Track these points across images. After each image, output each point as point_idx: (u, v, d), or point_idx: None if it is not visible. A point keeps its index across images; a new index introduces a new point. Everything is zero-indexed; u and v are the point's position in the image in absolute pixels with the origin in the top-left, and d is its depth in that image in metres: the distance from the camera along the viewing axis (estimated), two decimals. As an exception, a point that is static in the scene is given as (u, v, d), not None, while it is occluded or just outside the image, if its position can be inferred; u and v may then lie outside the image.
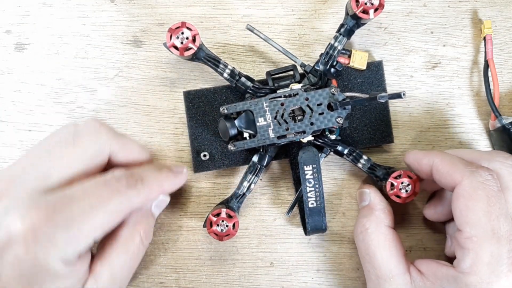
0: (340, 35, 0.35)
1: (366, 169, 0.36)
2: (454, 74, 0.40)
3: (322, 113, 0.34)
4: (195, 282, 0.39)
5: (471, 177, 0.30)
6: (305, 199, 0.35)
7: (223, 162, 0.38)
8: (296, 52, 0.39)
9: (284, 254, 0.39)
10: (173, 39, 0.34)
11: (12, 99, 0.39)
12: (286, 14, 0.40)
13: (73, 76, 0.39)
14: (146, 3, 0.39)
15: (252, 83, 0.36)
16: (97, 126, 0.31)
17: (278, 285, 0.39)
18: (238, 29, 0.39)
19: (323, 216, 0.35)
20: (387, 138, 0.38)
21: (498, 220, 0.29)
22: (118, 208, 0.29)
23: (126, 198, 0.29)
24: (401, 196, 0.35)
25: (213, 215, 0.35)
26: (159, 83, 0.39)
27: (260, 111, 0.34)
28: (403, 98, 0.28)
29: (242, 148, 0.34)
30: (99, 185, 0.29)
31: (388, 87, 0.39)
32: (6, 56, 0.39)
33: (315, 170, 0.34)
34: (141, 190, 0.30)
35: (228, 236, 0.35)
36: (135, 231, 0.32)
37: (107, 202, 0.28)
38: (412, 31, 0.40)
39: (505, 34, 0.40)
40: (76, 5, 0.39)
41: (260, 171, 0.36)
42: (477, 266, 0.28)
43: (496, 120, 0.37)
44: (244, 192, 0.36)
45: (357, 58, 0.37)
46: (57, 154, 0.29)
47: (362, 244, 0.34)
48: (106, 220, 0.28)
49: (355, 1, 0.33)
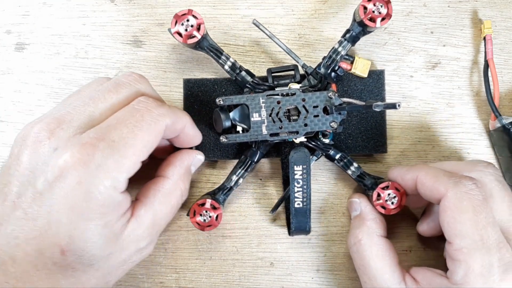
0: (345, 40, 0.35)
1: (355, 176, 0.37)
2: (454, 74, 0.40)
3: (317, 115, 0.34)
4: (195, 282, 0.39)
5: (455, 188, 0.30)
6: (292, 198, 0.35)
7: (215, 154, 0.38)
8: (296, 52, 0.39)
9: (284, 254, 0.39)
10: (178, 25, 0.34)
11: (12, 99, 0.39)
12: (286, 14, 0.40)
13: (73, 76, 0.39)
14: (146, 3, 0.39)
15: (252, 78, 0.36)
16: (136, 77, 0.32)
17: (278, 285, 0.39)
18: (238, 29, 0.39)
19: (308, 217, 0.35)
20: (381, 148, 0.38)
21: (486, 229, 0.29)
22: (153, 125, 0.29)
23: (158, 114, 0.30)
24: (387, 207, 0.35)
25: (198, 204, 0.35)
26: (159, 83, 0.39)
27: (256, 107, 0.34)
28: (397, 109, 0.28)
29: (234, 141, 0.34)
30: (129, 110, 0.29)
31: (388, 87, 0.39)
32: (6, 56, 0.39)
33: (304, 171, 0.34)
34: (170, 109, 0.31)
35: (210, 227, 0.35)
36: (177, 185, 0.33)
37: (142, 122, 0.29)
38: (412, 31, 0.40)
39: (505, 34, 0.40)
40: (76, 5, 0.39)
41: (250, 167, 0.36)
42: (469, 277, 0.29)
43: (496, 120, 0.37)
44: (231, 185, 0.36)
45: (360, 65, 0.37)
46: (101, 98, 0.30)
47: (357, 255, 0.35)
48: (146, 139, 0.29)
49: (363, 8, 0.33)
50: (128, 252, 0.30)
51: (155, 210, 0.32)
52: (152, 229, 0.32)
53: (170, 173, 0.34)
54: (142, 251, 0.32)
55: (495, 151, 0.39)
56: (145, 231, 0.31)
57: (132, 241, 0.30)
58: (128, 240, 0.30)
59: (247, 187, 0.39)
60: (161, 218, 0.33)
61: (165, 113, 0.30)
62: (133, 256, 0.31)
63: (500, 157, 0.39)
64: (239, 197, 0.39)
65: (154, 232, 0.32)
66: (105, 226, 0.28)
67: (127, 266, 0.32)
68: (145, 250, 0.32)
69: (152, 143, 0.30)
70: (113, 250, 0.29)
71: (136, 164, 0.29)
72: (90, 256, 0.28)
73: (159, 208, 0.32)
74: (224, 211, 0.39)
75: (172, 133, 0.33)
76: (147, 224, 0.31)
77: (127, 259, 0.31)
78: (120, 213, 0.29)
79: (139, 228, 0.31)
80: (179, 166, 0.34)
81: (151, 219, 0.31)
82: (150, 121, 0.29)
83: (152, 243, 0.33)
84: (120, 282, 0.38)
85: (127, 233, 0.30)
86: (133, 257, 0.31)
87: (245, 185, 0.39)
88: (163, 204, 0.32)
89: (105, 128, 0.28)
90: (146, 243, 0.32)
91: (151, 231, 0.32)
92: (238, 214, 0.39)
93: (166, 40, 0.39)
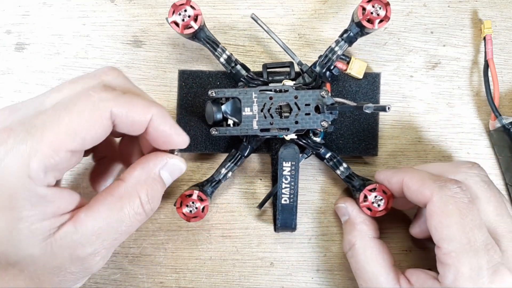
0: (342, 40, 0.35)
1: (344, 177, 0.37)
2: (454, 74, 0.40)
3: (309, 113, 0.34)
4: (195, 282, 0.39)
5: (440, 192, 0.30)
6: (279, 194, 0.35)
7: (206, 146, 0.38)
8: (296, 52, 0.39)
9: (284, 254, 0.39)
10: (175, 15, 0.34)
11: (12, 99, 0.39)
12: (286, 14, 0.40)
13: (73, 76, 0.39)
14: (146, 3, 0.39)
15: (246, 72, 0.36)
16: (106, 69, 0.29)
17: (278, 285, 0.39)
18: (238, 29, 0.39)
19: (294, 215, 0.35)
20: (371, 151, 0.38)
21: (473, 232, 0.29)
22: (88, 111, 0.26)
23: (98, 99, 0.26)
24: (373, 209, 0.35)
25: (185, 195, 0.35)
26: (159, 83, 0.39)
27: (248, 101, 0.34)
28: (387, 111, 0.28)
29: (224, 134, 0.34)
30: (69, 96, 0.26)
31: (388, 87, 0.39)
32: (6, 56, 0.39)
33: (293, 168, 0.34)
34: (123, 96, 0.27)
35: (195, 218, 0.35)
36: (134, 191, 0.28)
37: (74, 106, 0.25)
38: (412, 31, 0.40)
39: (505, 34, 0.40)
40: (76, 5, 0.39)
41: (240, 160, 0.37)
42: (459, 281, 0.29)
43: (496, 120, 0.37)
44: (220, 178, 0.36)
45: (355, 66, 0.37)
46: (56, 88, 0.27)
47: (352, 260, 0.35)
48: (74, 126, 0.25)
49: (361, 9, 0.33)
50: (62, 259, 0.27)
51: (101, 216, 0.27)
52: (97, 239, 0.27)
53: (127, 176, 0.29)
54: (82, 262, 0.27)
55: (495, 151, 0.39)
56: (85, 239, 0.27)
57: (66, 247, 0.26)
58: (60, 244, 0.26)
59: (247, 187, 0.39)
60: (110, 228, 0.28)
61: (109, 98, 0.26)
62: (69, 265, 0.27)
63: (500, 157, 0.39)
64: (239, 197, 0.39)
65: (100, 242, 0.27)
66: (20, 221, 0.25)
67: (66, 276, 0.27)
68: (88, 262, 0.27)
69: (87, 132, 0.26)
70: (39, 253, 0.26)
71: (59, 152, 0.25)
72: (4, 253, 0.25)
73: (106, 215, 0.27)
74: (223, 210, 0.39)
75: (130, 126, 0.28)
76: (89, 231, 0.27)
77: (61, 266, 0.27)
78: (47, 211, 0.26)
79: (76, 233, 0.26)
80: (140, 169, 0.29)
81: (94, 226, 0.27)
82: (85, 105, 0.26)
83: (99, 255, 0.28)
84: (120, 282, 0.38)
85: (59, 236, 0.26)
86: (70, 266, 0.27)
87: (245, 185, 0.39)
88: (112, 211, 0.28)
89: (34, 114, 0.26)
90: (87, 253, 0.27)
91: (95, 241, 0.27)
92: (238, 214, 0.39)
93: (166, 40, 0.39)
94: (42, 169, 0.25)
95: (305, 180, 0.39)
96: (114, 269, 0.39)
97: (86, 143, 0.26)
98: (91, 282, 0.38)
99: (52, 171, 0.25)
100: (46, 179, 0.25)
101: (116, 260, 0.39)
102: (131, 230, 0.29)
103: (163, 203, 0.39)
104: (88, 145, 0.26)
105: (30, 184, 0.24)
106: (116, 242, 0.29)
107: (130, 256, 0.39)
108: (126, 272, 0.39)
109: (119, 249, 0.39)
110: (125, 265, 0.39)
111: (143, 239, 0.39)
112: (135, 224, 0.29)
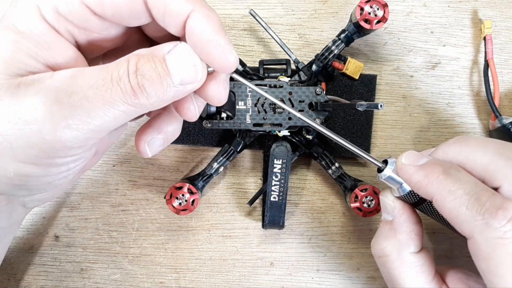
0: (339, 40, 0.35)
1: (335, 176, 0.37)
2: (454, 74, 0.40)
3: (302, 110, 0.34)
4: (195, 282, 0.39)
5: (484, 233, 0.24)
6: (269, 191, 0.35)
7: (198, 139, 0.38)
8: (296, 52, 0.39)
9: (284, 254, 0.39)
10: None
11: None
12: (286, 14, 0.40)
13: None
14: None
15: (243, 67, 0.36)
16: None
17: (278, 285, 0.39)
18: (238, 29, 0.39)
19: (283, 212, 0.35)
20: None
21: None
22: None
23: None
24: (363, 209, 0.35)
25: (175, 187, 0.35)
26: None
27: (242, 95, 0.34)
28: (380, 109, 0.28)
29: (217, 127, 0.35)
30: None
31: (388, 87, 0.39)
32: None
33: (284, 166, 0.35)
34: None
35: (185, 211, 0.35)
36: (125, 58, 0.23)
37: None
38: (412, 31, 0.40)
39: (505, 34, 0.40)
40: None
41: (232, 155, 0.37)
42: None
43: (496, 120, 0.37)
44: (211, 173, 0.36)
45: (351, 66, 0.37)
46: None
47: (384, 268, 0.30)
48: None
49: (359, 9, 0.33)
50: None
51: (85, 73, 0.22)
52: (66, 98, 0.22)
53: None
54: None
55: (495, 151, 0.39)
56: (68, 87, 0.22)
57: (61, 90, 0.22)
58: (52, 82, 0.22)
59: (247, 187, 0.39)
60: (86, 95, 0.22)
61: None
62: None
63: (500, 157, 0.39)
64: (240, 197, 0.39)
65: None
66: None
67: None
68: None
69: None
70: None
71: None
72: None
73: (90, 72, 0.23)
74: (223, 210, 0.39)
75: (163, 17, 0.23)
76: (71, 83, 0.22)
77: None
78: (39, 53, 0.23)
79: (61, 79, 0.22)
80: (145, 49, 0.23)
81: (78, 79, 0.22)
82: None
83: None
84: (120, 282, 0.38)
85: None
86: None
87: (245, 185, 0.39)
88: (96, 69, 0.23)
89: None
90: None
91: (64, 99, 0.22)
92: (238, 214, 0.39)
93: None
94: (52, 8, 0.22)
95: (305, 180, 0.39)
96: (114, 269, 0.39)
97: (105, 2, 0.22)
98: (91, 282, 0.38)
99: (64, 20, 0.23)
100: (55, 22, 0.23)
101: (116, 260, 0.39)
102: (115, 110, 0.22)
103: (162, 203, 0.39)
104: (108, 9, 0.23)
105: (38, 17, 0.22)
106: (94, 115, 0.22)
107: (130, 256, 0.39)
108: (126, 272, 0.39)
109: (119, 249, 0.39)
110: (125, 265, 0.39)
111: (143, 239, 0.39)
112: (117, 98, 0.22)
